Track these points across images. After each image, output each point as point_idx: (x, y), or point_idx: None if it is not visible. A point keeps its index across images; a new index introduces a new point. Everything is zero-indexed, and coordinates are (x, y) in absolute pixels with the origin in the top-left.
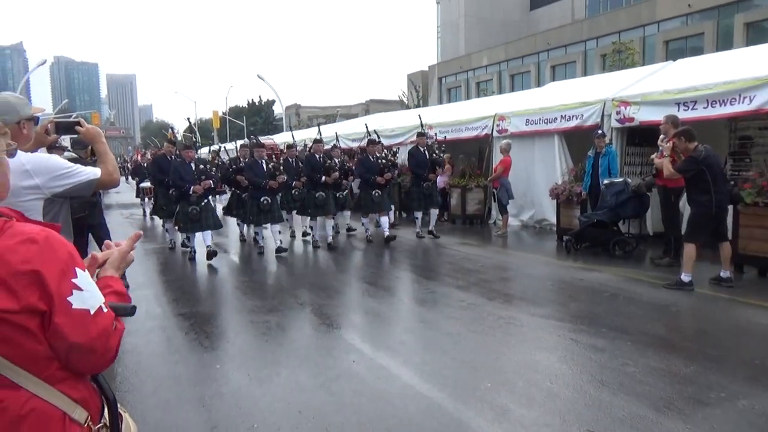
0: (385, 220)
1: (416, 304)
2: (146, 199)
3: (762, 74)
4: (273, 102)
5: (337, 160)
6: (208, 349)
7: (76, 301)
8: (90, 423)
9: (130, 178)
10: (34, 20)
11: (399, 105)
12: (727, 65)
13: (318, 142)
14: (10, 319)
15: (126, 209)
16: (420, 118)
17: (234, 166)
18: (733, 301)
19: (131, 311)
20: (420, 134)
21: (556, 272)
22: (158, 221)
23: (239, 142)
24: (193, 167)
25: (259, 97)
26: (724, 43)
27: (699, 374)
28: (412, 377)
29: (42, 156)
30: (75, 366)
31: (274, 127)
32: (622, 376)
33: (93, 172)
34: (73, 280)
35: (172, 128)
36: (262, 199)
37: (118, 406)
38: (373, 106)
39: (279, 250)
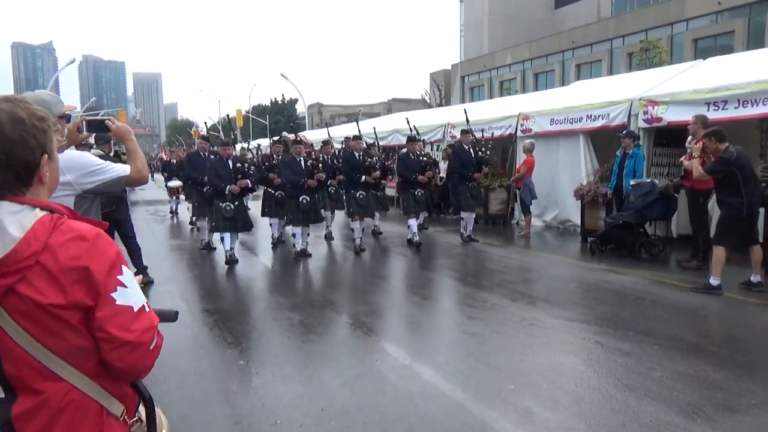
0: (413, 223)
1: (438, 304)
2: (174, 197)
3: None
4: (296, 101)
5: (375, 159)
6: (232, 345)
7: (120, 297)
8: (125, 417)
9: (154, 175)
10: (64, 20)
11: (421, 104)
12: (759, 64)
13: (357, 138)
14: (57, 313)
15: (151, 206)
16: (465, 113)
17: (266, 164)
18: (764, 306)
19: (174, 317)
20: (465, 131)
21: (580, 274)
22: (184, 218)
23: (259, 141)
24: (231, 165)
25: (282, 95)
26: (756, 41)
27: (728, 380)
28: (435, 377)
29: (73, 153)
30: (116, 363)
31: (297, 126)
32: (649, 380)
33: (123, 169)
34: (119, 277)
35: (197, 126)
36: (301, 199)
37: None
38: (395, 105)
39: (302, 253)
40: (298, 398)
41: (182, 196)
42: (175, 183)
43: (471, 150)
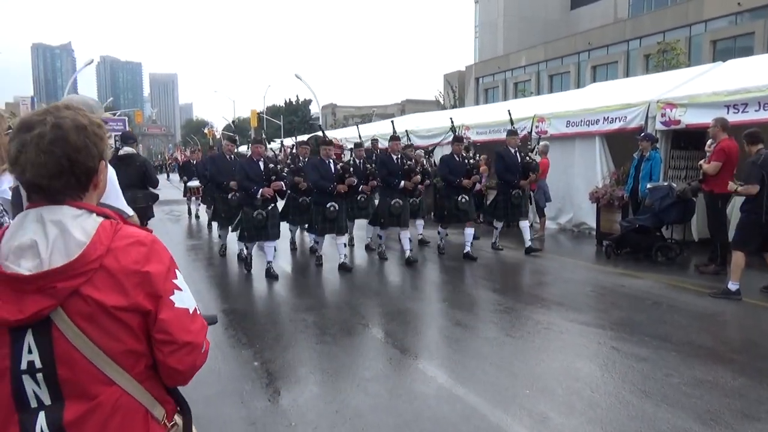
0: (470, 233)
1: (451, 307)
2: (193, 198)
3: None
4: (310, 101)
5: (413, 161)
6: (246, 345)
7: (178, 300)
8: (165, 420)
9: (170, 175)
10: (83, 21)
11: (435, 105)
12: None
13: (394, 139)
14: (118, 315)
15: (166, 206)
16: (509, 114)
17: (292, 166)
18: None
19: (214, 320)
20: (511, 132)
21: (595, 278)
22: (203, 220)
23: (278, 140)
24: (262, 166)
25: (297, 96)
26: None
27: (748, 387)
28: (449, 380)
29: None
30: (175, 365)
31: (310, 126)
32: (666, 387)
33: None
34: (174, 281)
35: (211, 125)
36: (328, 206)
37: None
38: (408, 106)
39: (342, 267)
40: (313, 400)
41: (200, 199)
42: (195, 183)
43: (517, 154)
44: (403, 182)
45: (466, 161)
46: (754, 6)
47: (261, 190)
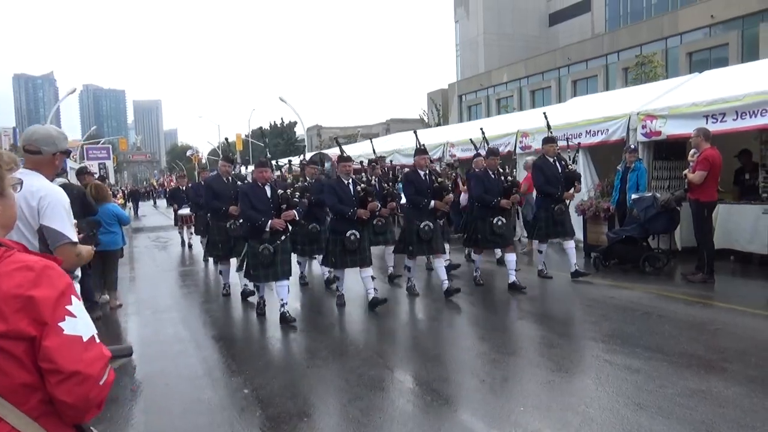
0: (512, 260)
1: (442, 325)
2: (185, 228)
3: None
4: (295, 123)
5: (441, 179)
6: (236, 373)
7: (69, 327)
8: None
9: (155, 202)
10: (65, 50)
11: (420, 123)
12: (755, 76)
13: (421, 152)
14: None
15: (153, 232)
16: (546, 117)
17: (298, 184)
18: None
19: (130, 351)
20: (549, 140)
21: (585, 290)
22: (198, 249)
23: (279, 160)
24: (269, 192)
25: (281, 119)
26: (750, 53)
27: (741, 396)
28: (441, 398)
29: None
30: (63, 398)
31: (296, 149)
32: (660, 398)
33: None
34: (67, 307)
35: (195, 150)
36: (348, 234)
37: None
38: (393, 125)
39: (375, 303)
40: (302, 426)
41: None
42: (186, 211)
43: (557, 163)
44: (433, 202)
45: (503, 178)
46: (727, 18)
47: (270, 222)
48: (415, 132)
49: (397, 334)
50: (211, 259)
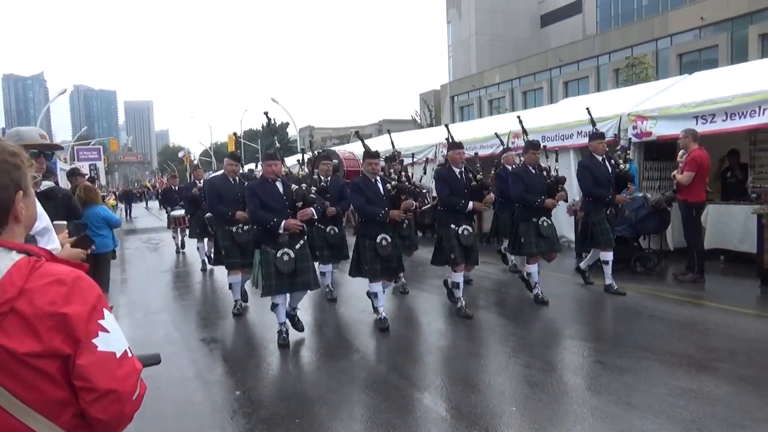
0: (534, 270)
1: (431, 326)
2: (179, 230)
3: None
4: (287, 124)
5: (480, 177)
6: (228, 375)
7: (102, 343)
8: None
9: (148, 203)
10: (55, 51)
11: (412, 124)
12: (744, 77)
13: (455, 147)
14: (31, 363)
15: (144, 234)
16: (589, 112)
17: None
18: (763, 317)
19: (157, 360)
20: (596, 135)
21: (576, 290)
22: (192, 252)
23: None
24: (281, 188)
25: (274, 119)
26: (739, 55)
27: (732, 395)
28: (434, 400)
29: None
30: (98, 415)
31: (289, 149)
32: (651, 397)
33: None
34: (100, 322)
35: (187, 151)
36: (380, 239)
37: None
38: (386, 126)
39: (383, 326)
40: (294, 428)
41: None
42: (180, 212)
43: (606, 162)
44: (472, 203)
45: (546, 173)
46: (717, 20)
47: (284, 222)
48: (446, 125)
49: (394, 335)
50: (210, 268)
